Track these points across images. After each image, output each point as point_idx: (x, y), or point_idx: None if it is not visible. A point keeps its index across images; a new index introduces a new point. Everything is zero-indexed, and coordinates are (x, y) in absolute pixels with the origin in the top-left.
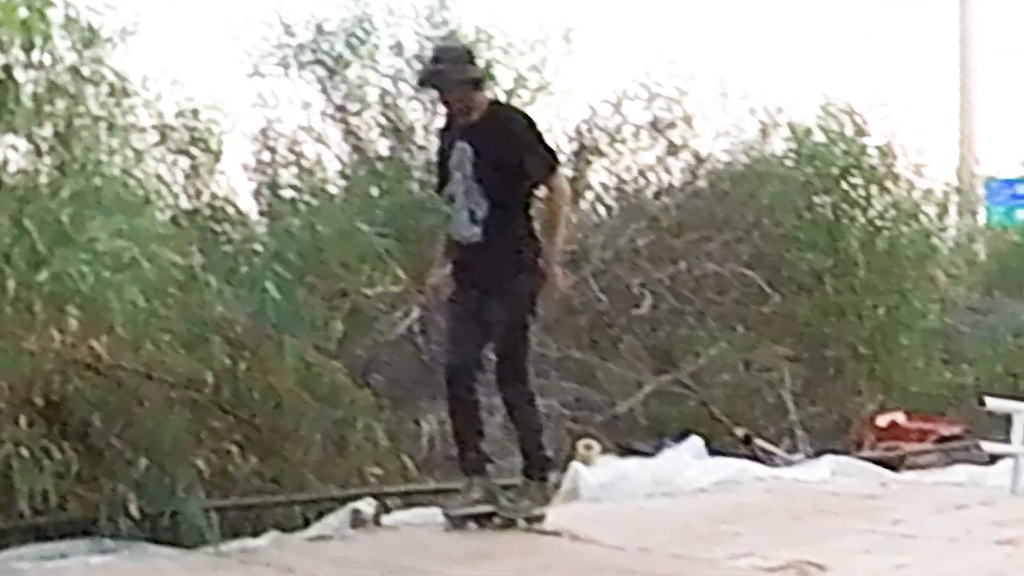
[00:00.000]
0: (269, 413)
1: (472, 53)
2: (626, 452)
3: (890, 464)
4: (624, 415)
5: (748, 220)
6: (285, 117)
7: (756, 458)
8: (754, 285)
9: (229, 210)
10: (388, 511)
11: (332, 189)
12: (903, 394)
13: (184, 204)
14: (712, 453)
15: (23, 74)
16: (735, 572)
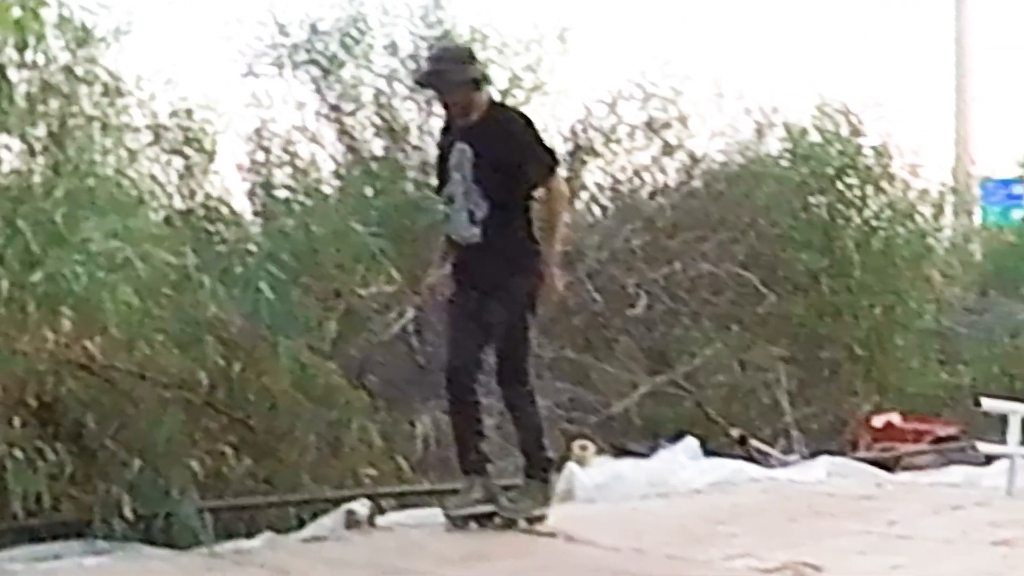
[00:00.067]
0: (263, 414)
1: (473, 54)
2: (621, 453)
3: (886, 465)
4: (619, 416)
5: (743, 220)
6: (279, 117)
7: (751, 459)
8: (749, 285)
9: (223, 210)
10: (382, 512)
11: (326, 189)
12: (899, 395)
13: (178, 204)
14: (707, 454)
15: (16, 74)
16: (730, 573)
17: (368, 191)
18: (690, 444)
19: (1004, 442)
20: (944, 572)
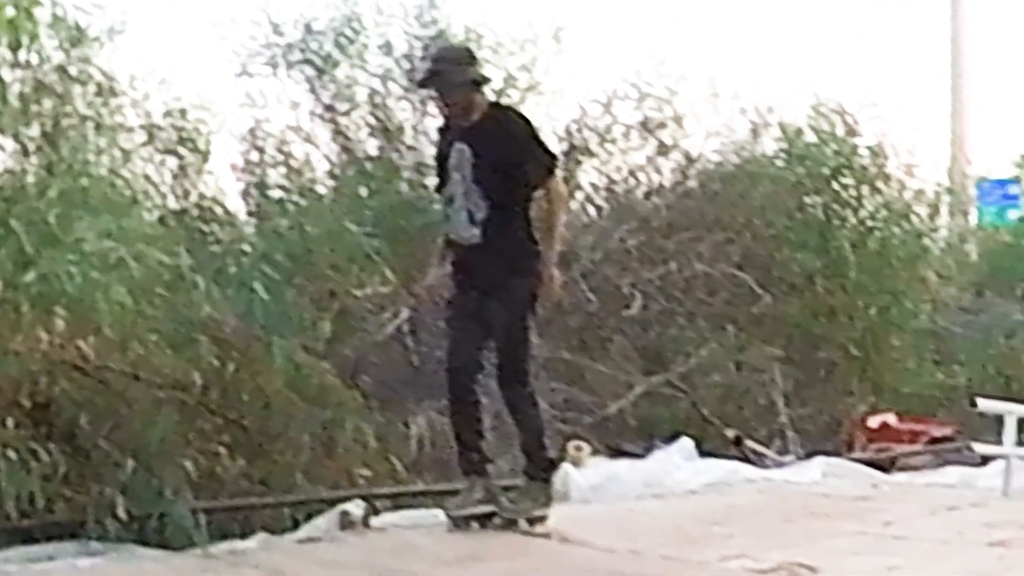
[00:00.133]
0: (257, 414)
1: (473, 54)
2: (616, 454)
3: (881, 465)
4: (614, 416)
5: (739, 220)
6: (273, 117)
7: (747, 459)
8: (745, 286)
9: (217, 210)
10: (377, 513)
11: (321, 189)
12: (894, 395)
13: (172, 204)
14: (703, 455)
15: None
16: (726, 574)
17: (363, 191)
18: (685, 445)
19: (1000, 443)
20: (940, 573)
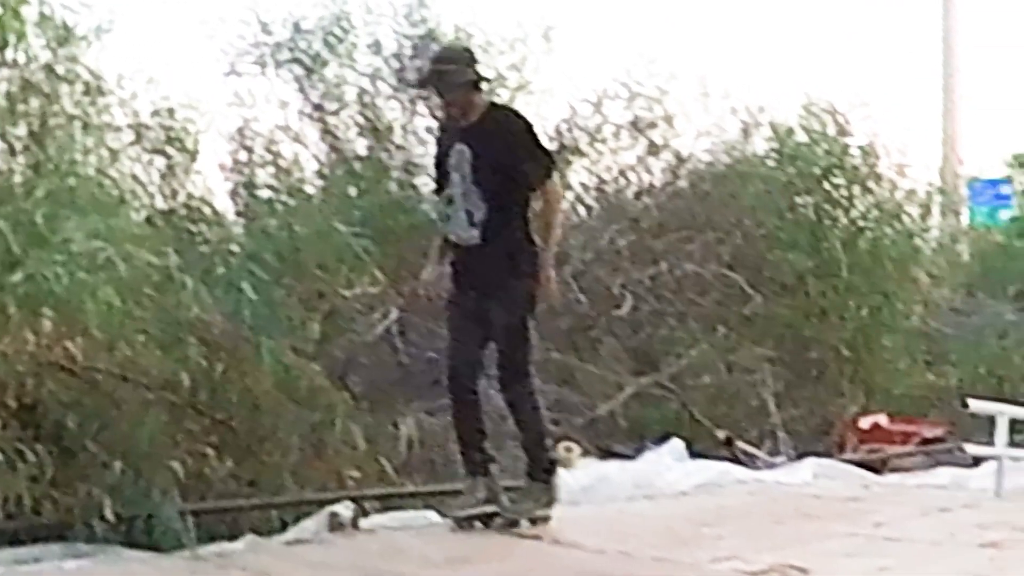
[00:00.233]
0: (246, 415)
1: (473, 55)
2: (606, 455)
3: (872, 466)
4: (604, 417)
5: (729, 220)
6: (262, 116)
7: (738, 460)
8: (735, 286)
9: (205, 210)
10: (366, 514)
11: (309, 189)
12: (886, 396)
13: (160, 204)
14: (693, 456)
15: None
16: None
17: (351, 191)
18: (676, 446)
19: (992, 444)
20: (931, 574)
